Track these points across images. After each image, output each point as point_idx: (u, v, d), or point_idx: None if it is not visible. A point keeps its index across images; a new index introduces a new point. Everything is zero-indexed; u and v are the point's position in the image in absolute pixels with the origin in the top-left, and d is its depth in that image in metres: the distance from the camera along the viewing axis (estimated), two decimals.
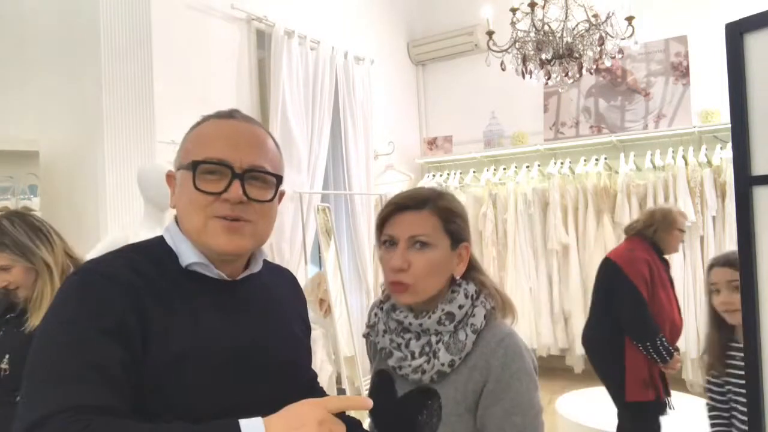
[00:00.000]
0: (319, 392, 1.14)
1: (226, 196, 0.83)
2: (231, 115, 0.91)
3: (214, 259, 0.88)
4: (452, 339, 1.01)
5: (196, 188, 0.84)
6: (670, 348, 2.51)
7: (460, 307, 1.03)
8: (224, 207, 0.84)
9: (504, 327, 1.04)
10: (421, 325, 1.03)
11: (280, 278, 1.08)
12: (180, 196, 0.88)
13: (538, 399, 1.00)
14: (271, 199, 0.89)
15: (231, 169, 0.84)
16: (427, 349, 1.02)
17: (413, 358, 1.02)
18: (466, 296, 1.04)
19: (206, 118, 0.91)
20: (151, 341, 0.78)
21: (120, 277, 0.80)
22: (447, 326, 1.02)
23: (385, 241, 1.05)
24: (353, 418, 1.14)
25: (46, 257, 1.55)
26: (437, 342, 1.02)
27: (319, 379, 1.17)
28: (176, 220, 0.93)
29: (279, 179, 0.90)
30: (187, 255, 0.86)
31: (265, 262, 1.05)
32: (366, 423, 1.15)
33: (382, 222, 1.07)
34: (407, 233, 1.02)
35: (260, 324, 0.92)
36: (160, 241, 0.91)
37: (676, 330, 2.65)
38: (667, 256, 2.74)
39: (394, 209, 1.05)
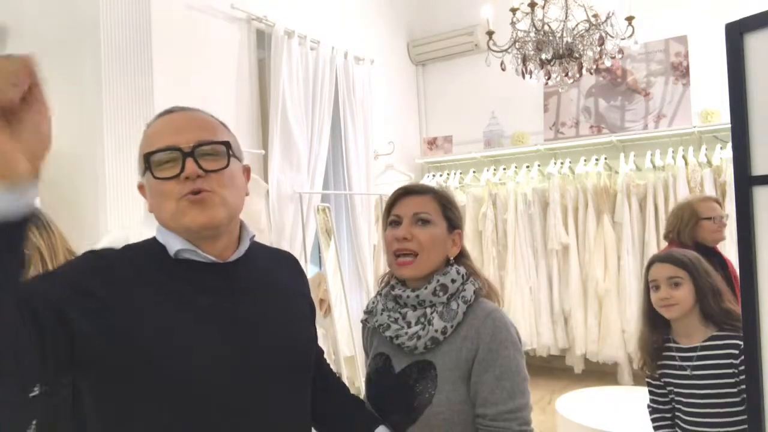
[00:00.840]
0: (327, 368, 1.20)
1: (184, 175, 0.88)
2: (170, 110, 0.98)
3: (197, 241, 0.92)
4: (445, 309, 1.13)
5: (156, 178, 0.90)
6: None
7: (453, 281, 1.15)
8: (186, 186, 0.89)
9: (490, 303, 1.18)
10: (417, 296, 1.15)
11: (281, 261, 1.13)
12: (150, 196, 0.95)
13: (524, 367, 1.11)
14: (227, 165, 0.93)
15: (180, 150, 0.89)
16: (422, 319, 1.13)
17: (409, 326, 1.13)
18: (458, 273, 1.17)
19: (149, 124, 0.98)
20: (133, 326, 0.83)
21: (107, 259, 0.90)
22: (441, 297, 1.14)
23: (392, 221, 1.19)
24: (357, 398, 1.18)
25: (39, 243, 1.57)
26: (431, 313, 1.13)
27: None
28: None
29: (227, 145, 0.94)
30: (173, 244, 0.92)
31: (266, 246, 1.11)
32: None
33: (390, 206, 1.21)
34: (411, 211, 1.17)
35: (258, 303, 0.96)
36: (153, 240, 0.96)
37: None
38: (722, 250, 2.54)
39: (401, 193, 1.22)
